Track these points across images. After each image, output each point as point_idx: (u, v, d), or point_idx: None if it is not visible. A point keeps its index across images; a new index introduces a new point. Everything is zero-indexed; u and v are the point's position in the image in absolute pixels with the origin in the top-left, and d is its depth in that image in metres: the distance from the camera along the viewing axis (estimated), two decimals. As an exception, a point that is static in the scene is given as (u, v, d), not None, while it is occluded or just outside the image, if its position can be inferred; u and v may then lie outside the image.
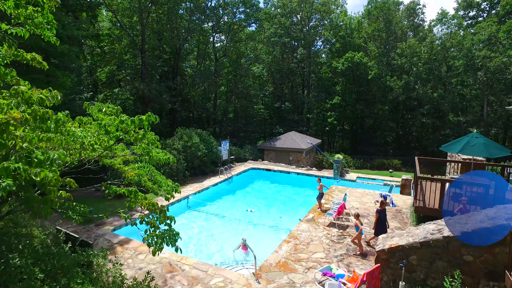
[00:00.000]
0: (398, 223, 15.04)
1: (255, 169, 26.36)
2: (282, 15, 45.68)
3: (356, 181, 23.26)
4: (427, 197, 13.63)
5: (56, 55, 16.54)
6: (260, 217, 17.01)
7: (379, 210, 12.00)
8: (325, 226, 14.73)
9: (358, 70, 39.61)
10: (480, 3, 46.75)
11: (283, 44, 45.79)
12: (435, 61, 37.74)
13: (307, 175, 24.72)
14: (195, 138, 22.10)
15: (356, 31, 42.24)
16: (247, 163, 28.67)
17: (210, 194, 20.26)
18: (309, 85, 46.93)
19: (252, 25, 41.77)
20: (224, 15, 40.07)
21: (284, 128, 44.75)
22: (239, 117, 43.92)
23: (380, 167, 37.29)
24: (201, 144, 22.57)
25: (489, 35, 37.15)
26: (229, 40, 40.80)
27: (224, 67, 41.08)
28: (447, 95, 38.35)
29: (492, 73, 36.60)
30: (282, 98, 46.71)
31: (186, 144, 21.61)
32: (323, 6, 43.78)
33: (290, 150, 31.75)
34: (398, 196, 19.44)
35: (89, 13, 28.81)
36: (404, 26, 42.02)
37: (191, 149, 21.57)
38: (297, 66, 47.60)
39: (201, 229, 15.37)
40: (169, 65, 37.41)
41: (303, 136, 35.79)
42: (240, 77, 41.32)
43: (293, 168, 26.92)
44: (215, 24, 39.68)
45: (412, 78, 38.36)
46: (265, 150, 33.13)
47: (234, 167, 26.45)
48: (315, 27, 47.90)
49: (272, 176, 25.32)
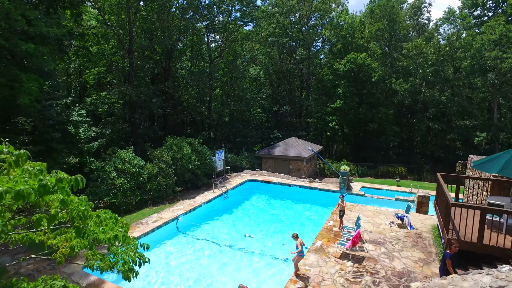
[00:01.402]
0: (422, 253, 12.86)
1: (253, 181, 24.06)
2: (280, 14, 43.48)
3: (364, 196, 21.06)
4: (456, 223, 11.45)
5: (23, 55, 14.17)
6: (260, 244, 14.73)
7: (449, 254, 8.91)
8: (336, 258, 12.51)
9: (361, 72, 37.45)
10: (485, 2, 44.88)
11: (281, 44, 43.58)
12: (442, 63, 35.67)
13: (310, 188, 22.46)
14: (186, 149, 19.78)
15: (358, 30, 40.09)
16: (243, 173, 26.37)
17: (202, 213, 17.95)
18: (309, 87, 44.73)
19: (248, 24, 39.52)
20: (219, 14, 37.72)
21: (282, 132, 42.54)
22: (235, 121, 41.60)
23: (385, 175, 35.26)
24: (193, 155, 20.26)
25: (500, 34, 35.16)
26: (224, 40, 38.52)
27: (219, 68, 38.74)
28: (454, 98, 36.30)
29: (503, 74, 34.63)
30: (280, 101, 44.47)
31: (176, 156, 19.27)
32: (323, 4, 41.62)
33: (290, 158, 29.58)
34: (414, 215, 17.29)
35: (73, 10, 26.46)
36: (408, 25, 39.91)
37: (181, 161, 19.24)
38: (296, 67, 45.42)
39: (192, 265, 13.03)
40: (160, 67, 35.04)
41: (303, 142, 33.62)
42: (236, 79, 39.01)
43: (294, 179, 24.68)
44: (210, 23, 37.33)
45: (418, 80, 36.25)
46: (263, 158, 30.92)
47: (230, 179, 24.15)
48: (315, 27, 45.75)
49: (272, 190, 23.04)
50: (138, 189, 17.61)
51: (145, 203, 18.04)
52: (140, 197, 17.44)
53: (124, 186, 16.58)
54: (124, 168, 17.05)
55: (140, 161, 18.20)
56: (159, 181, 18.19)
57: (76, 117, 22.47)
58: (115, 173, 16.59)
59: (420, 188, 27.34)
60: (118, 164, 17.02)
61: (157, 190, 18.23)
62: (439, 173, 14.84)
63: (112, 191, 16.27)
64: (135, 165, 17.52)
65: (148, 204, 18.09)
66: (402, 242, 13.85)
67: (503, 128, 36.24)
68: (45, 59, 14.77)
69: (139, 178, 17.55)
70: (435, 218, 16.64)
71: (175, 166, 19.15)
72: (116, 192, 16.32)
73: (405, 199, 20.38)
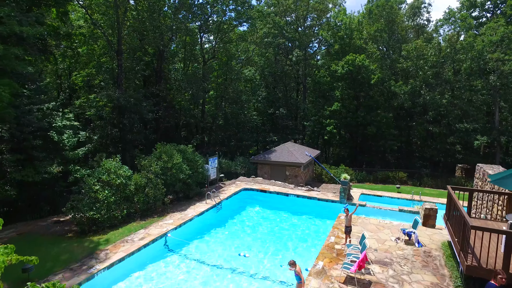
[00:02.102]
0: (433, 276, 11.69)
1: (248, 190, 22.79)
2: (276, 14, 42.27)
3: (366, 206, 19.90)
4: (470, 241, 10.21)
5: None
6: (256, 264, 13.48)
7: (495, 286, 7.71)
8: (340, 282, 11.30)
9: (360, 74, 36.33)
10: (484, 2, 44.06)
11: (277, 45, 42.37)
12: (442, 64, 34.67)
13: (309, 197, 21.24)
14: (176, 157, 18.46)
15: (356, 31, 38.96)
16: (238, 181, 25.09)
17: (194, 228, 16.66)
18: (305, 89, 43.56)
19: (243, 25, 38.30)
20: (213, 13, 36.41)
21: (278, 136, 41.33)
22: (230, 124, 40.30)
23: (384, 180, 34.21)
24: (184, 164, 18.95)
25: (502, 36, 34.24)
26: (218, 41, 37.23)
27: (213, 70, 37.43)
28: (454, 101, 35.32)
29: (505, 77, 33.73)
30: (276, 103, 43.23)
31: (165, 165, 17.95)
32: (320, 4, 40.47)
33: (286, 164, 28.37)
34: (421, 229, 16.13)
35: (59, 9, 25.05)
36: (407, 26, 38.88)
37: (171, 171, 17.92)
38: (292, 68, 44.26)
39: None
40: (152, 68, 33.67)
41: (300, 147, 32.44)
42: (230, 81, 37.71)
43: (291, 188, 23.47)
44: (203, 23, 36.00)
45: (419, 83, 35.20)
46: (259, 163, 29.67)
47: (224, 188, 22.86)
48: (311, 27, 44.62)
49: (268, 200, 21.79)
50: (125, 201, 16.26)
51: (132, 217, 16.70)
52: (127, 210, 16.10)
53: (108, 199, 15.23)
54: (109, 179, 15.70)
55: (127, 171, 16.85)
56: (147, 193, 16.86)
57: (61, 122, 21.01)
58: (98, 186, 15.23)
59: (422, 194, 26.46)
60: (102, 175, 15.66)
61: (145, 202, 16.91)
62: (449, 186, 13.69)
63: (96, 205, 14.91)
64: (121, 176, 16.17)
65: (136, 217, 16.75)
66: (411, 263, 12.68)
67: (505, 132, 35.34)
68: (19, 61, 13.38)
69: (126, 190, 16.20)
70: (444, 233, 15.51)
71: (165, 177, 17.82)
72: (100, 206, 14.97)
73: (409, 210, 19.27)
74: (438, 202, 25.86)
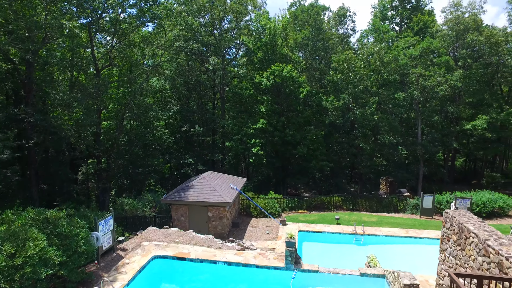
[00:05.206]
0: None
1: (161, 258, 16.22)
2: (188, 13, 35.88)
3: (319, 271, 15.18)
4: None
5: None
6: None
7: None
8: None
9: (287, 87, 32.17)
10: (393, 16, 44.34)
11: (191, 50, 35.99)
12: (371, 77, 32.59)
13: (244, 265, 15.63)
14: (35, 242, 11.20)
15: (281, 38, 34.77)
16: (146, 241, 18.21)
17: None
18: (224, 102, 37.97)
19: (148, 25, 31.09)
20: (109, 8, 28.38)
21: (194, 158, 34.99)
22: (135, 146, 32.61)
23: (319, 207, 30.82)
24: (52, 248, 11.73)
25: (421, 51, 33.56)
26: (115, 44, 29.39)
27: (108, 82, 29.35)
28: (384, 116, 33.62)
29: (428, 92, 33.04)
30: (190, 118, 36.76)
31: (11, 263, 10.55)
32: (239, 5, 35.33)
33: (209, 204, 22.52)
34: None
35: None
36: (333, 34, 36.14)
37: (23, 271, 10.61)
38: (207, 77, 38.33)
39: None
40: (18, 80, 24.50)
41: (223, 178, 26.81)
42: (134, 94, 30.08)
43: (218, 245, 17.68)
44: (94, 21, 27.78)
45: (350, 97, 32.54)
46: (174, 204, 23.19)
47: (125, 259, 15.91)
48: (229, 30, 39.28)
49: (190, 273, 15.65)
50: None
51: None
52: None
53: None
54: None
55: None
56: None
57: None
58: None
59: (364, 225, 23.90)
60: None
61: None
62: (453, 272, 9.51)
63: None
64: None
65: None
66: None
67: (427, 146, 34.88)
68: None
69: None
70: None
71: (10, 280, 10.42)
72: None
73: (373, 274, 15.11)
74: (382, 234, 23.04)
